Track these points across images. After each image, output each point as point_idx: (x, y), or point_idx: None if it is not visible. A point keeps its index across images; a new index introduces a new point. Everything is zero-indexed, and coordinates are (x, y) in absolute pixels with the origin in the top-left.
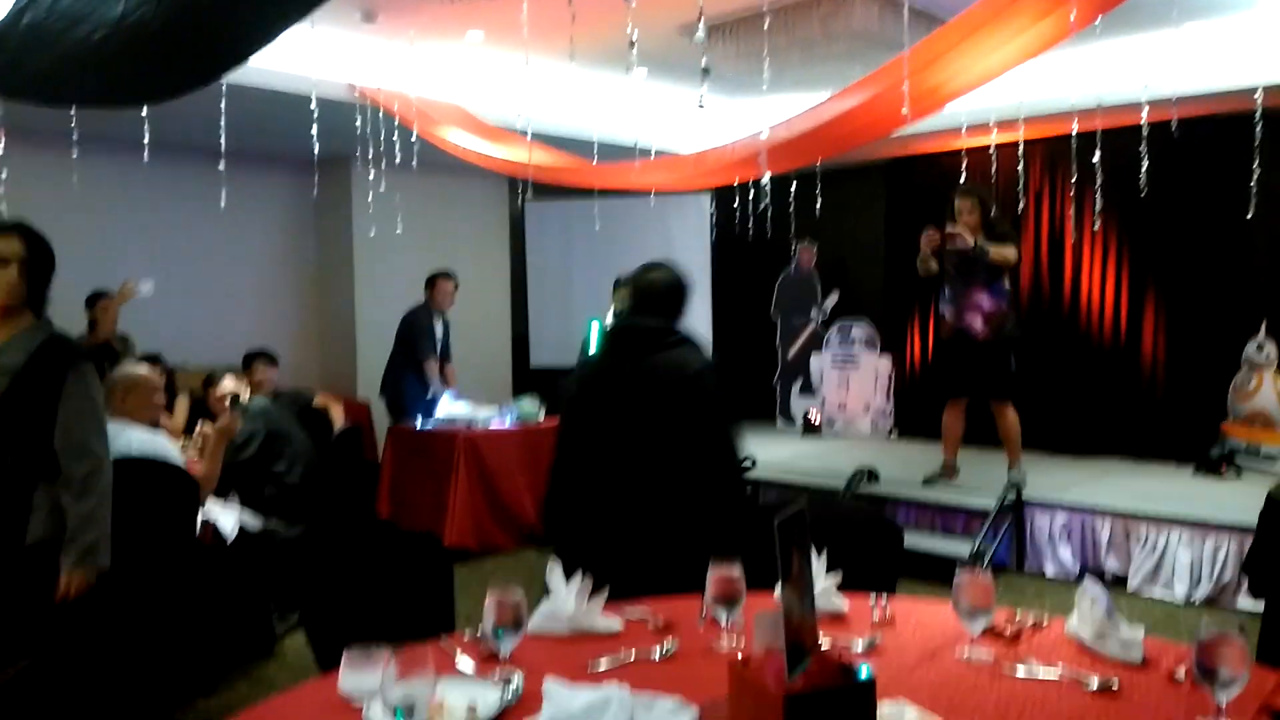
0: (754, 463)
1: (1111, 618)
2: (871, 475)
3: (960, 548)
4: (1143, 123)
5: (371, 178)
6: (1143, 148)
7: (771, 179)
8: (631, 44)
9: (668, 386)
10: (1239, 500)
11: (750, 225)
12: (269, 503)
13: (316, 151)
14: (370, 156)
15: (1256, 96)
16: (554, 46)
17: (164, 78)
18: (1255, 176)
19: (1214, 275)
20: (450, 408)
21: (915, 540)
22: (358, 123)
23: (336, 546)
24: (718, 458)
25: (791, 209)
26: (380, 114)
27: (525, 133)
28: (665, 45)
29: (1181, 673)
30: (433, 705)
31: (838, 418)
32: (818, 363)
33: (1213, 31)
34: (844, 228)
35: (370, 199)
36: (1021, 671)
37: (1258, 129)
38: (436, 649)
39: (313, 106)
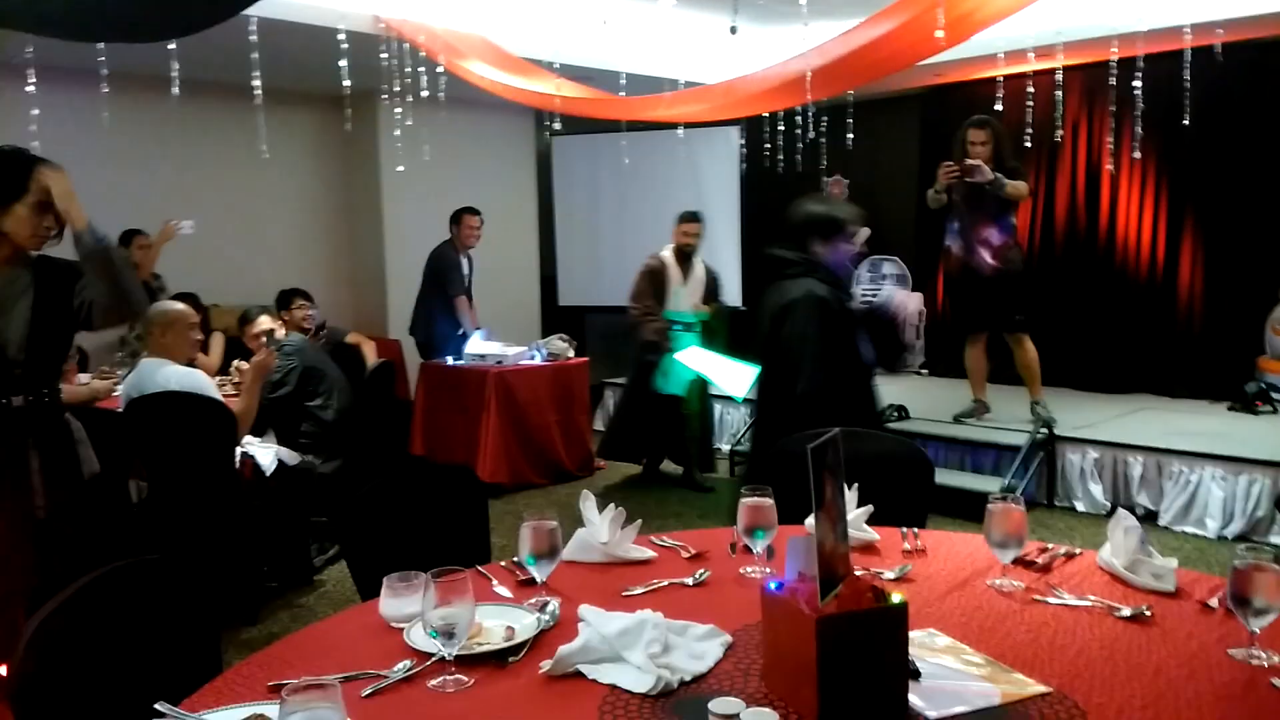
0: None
1: (1144, 547)
2: (901, 412)
3: (991, 484)
4: (1185, 48)
5: (398, 113)
6: (1185, 74)
7: (802, 110)
8: None
9: (770, 313)
10: (1275, 436)
11: (780, 158)
12: (306, 438)
13: (346, 86)
14: (396, 91)
15: None
16: None
17: (187, 10)
18: None
19: (1255, 207)
20: (481, 346)
21: (945, 477)
22: (384, 56)
23: (374, 480)
24: (790, 384)
25: (823, 141)
26: (406, 47)
27: (552, 65)
28: None
29: (1215, 602)
30: (472, 628)
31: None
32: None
33: None
34: (876, 160)
35: (397, 134)
36: (1052, 600)
37: None
38: (476, 576)
39: (342, 38)
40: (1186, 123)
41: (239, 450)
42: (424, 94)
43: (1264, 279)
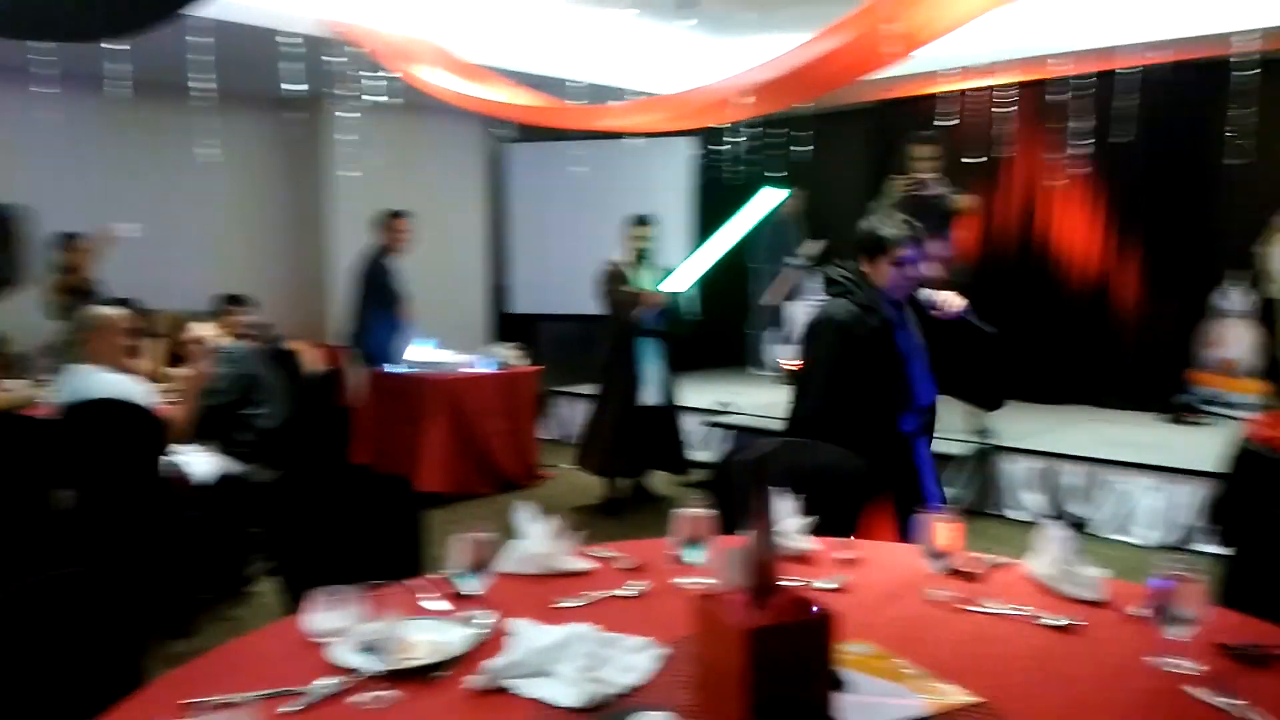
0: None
1: (1073, 557)
2: None
3: None
4: (1124, 66)
5: (344, 116)
6: (1125, 92)
7: (755, 123)
8: None
9: (805, 330)
10: (1205, 447)
11: (733, 169)
12: (245, 448)
13: (296, 89)
14: (344, 95)
15: (1232, 42)
16: None
17: (127, 10)
18: (1230, 122)
19: (1189, 223)
20: (425, 353)
21: None
22: (332, 60)
23: (308, 491)
24: (802, 401)
25: (774, 153)
26: (354, 51)
27: (504, 72)
28: None
29: (1140, 611)
30: (400, 643)
31: None
32: (795, 310)
33: None
34: (826, 172)
35: (344, 139)
36: (982, 610)
37: (1234, 75)
38: (405, 590)
39: (289, 41)
40: (1125, 139)
41: (170, 459)
42: (372, 98)
43: (1196, 294)
